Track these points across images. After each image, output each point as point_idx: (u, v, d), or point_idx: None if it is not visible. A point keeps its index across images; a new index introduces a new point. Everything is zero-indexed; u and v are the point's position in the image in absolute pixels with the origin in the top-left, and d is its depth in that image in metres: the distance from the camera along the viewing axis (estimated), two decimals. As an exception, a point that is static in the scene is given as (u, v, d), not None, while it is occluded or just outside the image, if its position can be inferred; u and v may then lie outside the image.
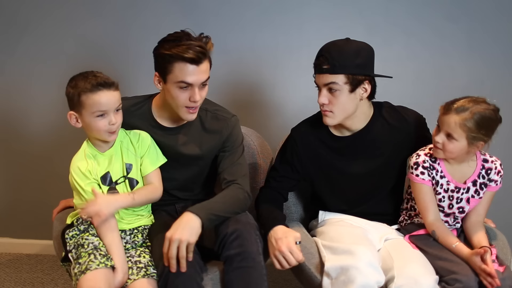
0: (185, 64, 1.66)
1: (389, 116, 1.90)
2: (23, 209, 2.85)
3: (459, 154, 1.75)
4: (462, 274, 1.63)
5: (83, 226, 1.73)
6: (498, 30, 2.45)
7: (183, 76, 1.68)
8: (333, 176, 1.93)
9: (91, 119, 1.67)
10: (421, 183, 1.81)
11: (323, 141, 1.92)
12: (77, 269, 1.60)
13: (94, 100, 1.64)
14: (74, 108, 1.68)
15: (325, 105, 1.79)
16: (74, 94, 1.66)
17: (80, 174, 1.71)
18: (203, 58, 1.68)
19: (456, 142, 1.71)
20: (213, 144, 1.88)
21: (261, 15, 2.53)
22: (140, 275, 1.66)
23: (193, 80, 1.69)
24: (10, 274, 2.68)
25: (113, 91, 1.67)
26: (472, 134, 1.68)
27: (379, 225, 1.93)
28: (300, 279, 1.88)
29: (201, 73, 1.70)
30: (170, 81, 1.71)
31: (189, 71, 1.67)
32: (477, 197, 1.82)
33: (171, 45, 1.68)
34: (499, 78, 2.48)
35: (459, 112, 1.68)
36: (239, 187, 1.81)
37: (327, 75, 1.75)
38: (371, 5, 2.48)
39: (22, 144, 2.77)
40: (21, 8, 2.62)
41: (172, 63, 1.67)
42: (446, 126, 1.71)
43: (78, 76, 1.69)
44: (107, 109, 1.66)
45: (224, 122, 1.89)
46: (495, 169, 1.81)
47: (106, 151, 1.76)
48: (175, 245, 1.59)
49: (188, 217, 1.65)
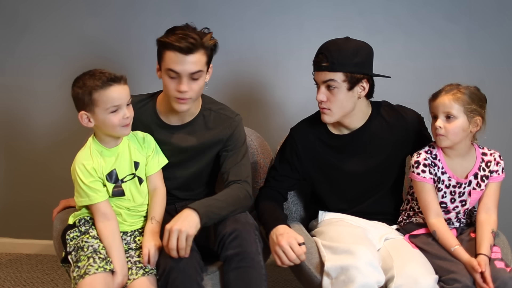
0: (174, 52, 1.71)
1: (387, 115, 1.91)
2: (23, 209, 2.85)
3: (462, 137, 1.75)
4: (461, 274, 1.64)
5: (84, 228, 1.73)
6: (498, 30, 2.45)
7: (170, 64, 1.72)
8: (332, 175, 1.93)
9: (105, 116, 1.66)
10: (422, 182, 1.81)
11: (322, 140, 1.92)
12: (76, 272, 1.60)
13: (107, 96, 1.63)
14: (85, 107, 1.66)
15: (323, 103, 1.80)
16: (84, 94, 1.64)
17: (85, 171, 1.69)
18: (194, 49, 1.71)
19: (456, 120, 1.73)
20: (216, 143, 1.89)
21: (261, 14, 2.53)
22: (139, 274, 1.66)
23: (179, 69, 1.72)
24: (10, 274, 2.68)
25: (123, 84, 1.68)
26: (468, 107, 1.72)
27: (379, 225, 1.93)
28: (300, 279, 1.88)
29: (190, 64, 1.71)
30: (162, 69, 1.77)
31: (176, 59, 1.71)
32: (479, 189, 1.82)
33: (168, 34, 1.74)
34: (499, 78, 2.48)
35: (449, 92, 1.74)
36: (240, 187, 1.81)
37: (325, 73, 1.76)
38: (371, 5, 2.48)
39: (22, 143, 2.77)
40: (21, 7, 2.62)
41: (164, 51, 1.73)
42: (442, 107, 1.74)
43: (83, 76, 1.67)
44: (120, 103, 1.66)
45: (227, 121, 1.90)
46: (494, 161, 1.82)
47: (113, 147, 1.75)
48: (174, 236, 1.59)
49: (187, 212, 1.66)
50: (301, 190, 2.12)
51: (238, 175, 1.84)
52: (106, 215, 1.70)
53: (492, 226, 1.77)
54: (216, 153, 1.92)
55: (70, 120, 2.66)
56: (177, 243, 1.60)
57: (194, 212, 1.65)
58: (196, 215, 1.65)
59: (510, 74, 2.48)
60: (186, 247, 1.61)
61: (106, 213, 1.70)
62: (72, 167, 1.73)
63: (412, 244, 1.81)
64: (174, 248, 1.60)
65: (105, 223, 1.69)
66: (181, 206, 1.93)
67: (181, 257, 1.61)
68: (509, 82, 2.49)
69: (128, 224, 1.79)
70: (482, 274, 1.63)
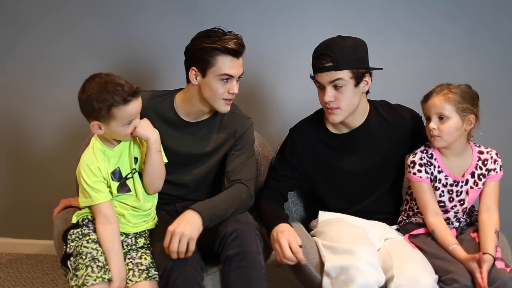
0: (227, 56, 1.75)
1: (386, 114, 1.92)
2: (23, 209, 2.85)
3: (456, 136, 1.76)
4: (459, 273, 1.64)
5: (87, 230, 1.73)
6: (498, 30, 2.45)
7: (225, 68, 1.76)
8: (331, 174, 1.94)
9: (119, 129, 1.66)
10: (419, 181, 1.82)
11: (321, 139, 1.93)
12: (74, 282, 1.59)
13: (126, 112, 1.63)
14: (100, 119, 1.64)
15: (331, 103, 1.80)
16: (101, 107, 1.60)
17: (89, 171, 1.69)
18: (242, 51, 1.79)
19: (449, 120, 1.73)
20: (226, 140, 1.91)
21: (261, 14, 2.53)
22: (142, 277, 1.66)
23: (234, 73, 1.77)
24: (10, 274, 2.68)
25: (138, 97, 1.67)
26: (460, 106, 1.73)
27: (379, 225, 1.93)
28: (300, 279, 1.88)
29: (240, 66, 1.80)
30: (211, 74, 1.77)
31: (231, 63, 1.76)
32: (476, 188, 1.83)
33: (212, 39, 1.75)
34: (499, 78, 2.48)
35: (439, 92, 1.75)
36: (243, 187, 1.82)
37: (331, 72, 1.76)
38: (371, 5, 2.48)
39: (22, 144, 2.77)
40: (21, 7, 2.62)
41: (215, 56, 1.74)
42: (434, 109, 1.75)
43: (97, 86, 1.61)
44: (136, 117, 1.68)
45: (240, 122, 1.93)
46: (491, 159, 1.83)
47: (115, 146, 1.75)
48: (177, 239, 1.59)
49: (190, 214, 1.65)
50: (301, 190, 2.12)
51: (242, 175, 1.85)
52: (107, 217, 1.69)
53: (494, 225, 1.77)
54: (225, 154, 1.93)
55: (70, 120, 2.66)
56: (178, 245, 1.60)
57: (197, 215, 1.65)
58: (199, 218, 1.65)
59: (509, 74, 2.48)
60: (187, 251, 1.61)
61: (108, 215, 1.70)
62: (77, 169, 1.73)
63: (412, 244, 1.81)
64: (175, 251, 1.60)
65: (106, 225, 1.69)
66: (181, 207, 1.94)
67: (180, 258, 1.61)
68: (509, 82, 2.49)
69: (131, 225, 1.78)
70: (481, 272, 1.62)
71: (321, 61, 1.77)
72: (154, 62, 2.58)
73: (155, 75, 2.54)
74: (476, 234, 1.80)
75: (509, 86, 2.49)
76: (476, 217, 1.86)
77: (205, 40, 1.75)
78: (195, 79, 1.80)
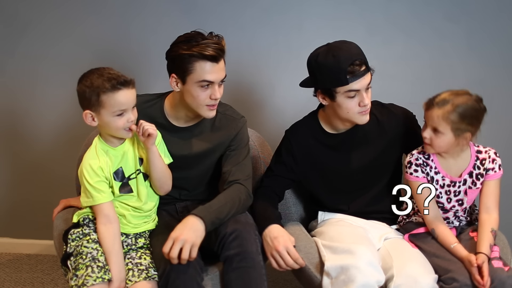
0: (206, 62, 1.70)
1: (379, 113, 1.93)
2: (23, 209, 2.85)
3: (448, 148, 1.76)
4: (458, 273, 1.64)
5: (88, 229, 1.73)
6: (498, 30, 2.45)
7: (205, 75, 1.71)
8: (328, 173, 1.94)
9: (110, 118, 1.65)
10: (415, 181, 1.82)
11: (317, 139, 1.94)
12: (74, 282, 1.60)
13: (115, 99, 1.62)
14: (91, 107, 1.64)
15: (368, 104, 1.80)
16: (91, 93, 1.62)
17: (91, 171, 1.69)
18: (222, 55, 1.73)
19: (442, 135, 1.73)
20: (221, 143, 1.89)
21: (260, 14, 2.53)
22: (141, 277, 1.66)
23: (214, 78, 1.73)
24: (10, 274, 2.68)
25: (131, 89, 1.66)
26: (456, 126, 1.71)
27: (379, 225, 1.94)
28: (300, 279, 1.88)
29: (221, 71, 1.75)
30: (190, 81, 1.73)
31: (210, 69, 1.71)
32: (474, 188, 1.82)
33: (189, 45, 1.70)
34: (498, 78, 2.48)
35: (440, 106, 1.71)
36: (241, 187, 1.82)
37: (368, 75, 1.78)
38: (371, 5, 2.48)
39: (23, 144, 2.77)
40: (21, 7, 2.62)
41: (193, 63, 1.70)
42: (431, 121, 1.73)
43: (92, 74, 1.65)
44: (127, 107, 1.66)
45: (233, 122, 1.91)
46: (489, 158, 1.81)
47: (118, 146, 1.75)
48: (179, 246, 1.59)
49: (192, 220, 1.65)
50: (301, 191, 2.12)
51: (239, 174, 1.84)
52: (108, 217, 1.69)
53: (492, 225, 1.77)
54: (220, 155, 1.92)
55: (70, 119, 2.66)
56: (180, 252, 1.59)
57: (200, 221, 1.65)
58: (202, 224, 1.64)
59: (509, 73, 2.48)
60: (189, 257, 1.60)
61: (109, 215, 1.70)
62: (79, 168, 1.73)
63: (411, 244, 1.82)
64: (175, 257, 1.59)
65: (107, 225, 1.69)
66: (181, 207, 1.94)
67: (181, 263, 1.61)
68: (509, 82, 2.49)
69: (132, 225, 1.78)
70: (479, 270, 1.62)
71: (357, 67, 1.74)
72: (154, 62, 2.58)
73: (155, 75, 2.53)
74: (475, 234, 1.79)
75: (508, 86, 2.49)
76: (476, 216, 1.86)
77: (182, 46, 1.71)
78: (176, 86, 1.77)
